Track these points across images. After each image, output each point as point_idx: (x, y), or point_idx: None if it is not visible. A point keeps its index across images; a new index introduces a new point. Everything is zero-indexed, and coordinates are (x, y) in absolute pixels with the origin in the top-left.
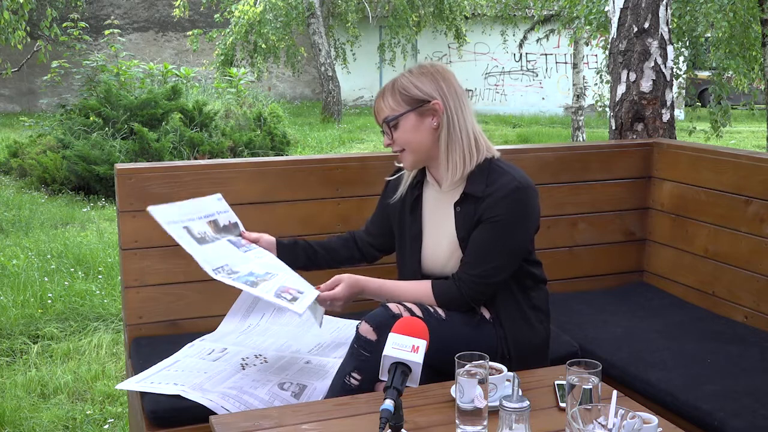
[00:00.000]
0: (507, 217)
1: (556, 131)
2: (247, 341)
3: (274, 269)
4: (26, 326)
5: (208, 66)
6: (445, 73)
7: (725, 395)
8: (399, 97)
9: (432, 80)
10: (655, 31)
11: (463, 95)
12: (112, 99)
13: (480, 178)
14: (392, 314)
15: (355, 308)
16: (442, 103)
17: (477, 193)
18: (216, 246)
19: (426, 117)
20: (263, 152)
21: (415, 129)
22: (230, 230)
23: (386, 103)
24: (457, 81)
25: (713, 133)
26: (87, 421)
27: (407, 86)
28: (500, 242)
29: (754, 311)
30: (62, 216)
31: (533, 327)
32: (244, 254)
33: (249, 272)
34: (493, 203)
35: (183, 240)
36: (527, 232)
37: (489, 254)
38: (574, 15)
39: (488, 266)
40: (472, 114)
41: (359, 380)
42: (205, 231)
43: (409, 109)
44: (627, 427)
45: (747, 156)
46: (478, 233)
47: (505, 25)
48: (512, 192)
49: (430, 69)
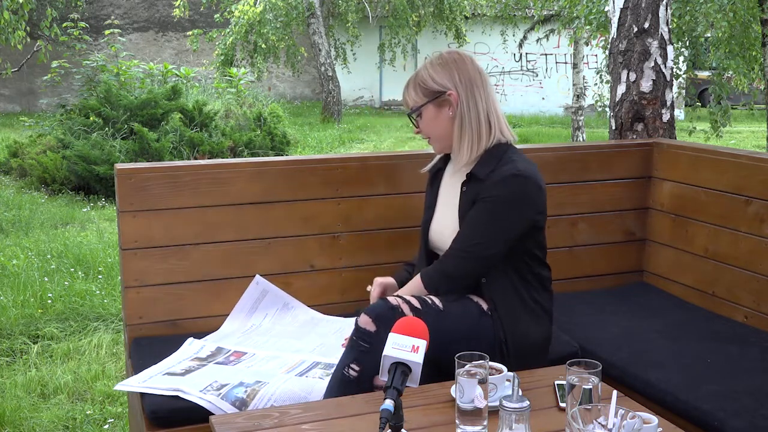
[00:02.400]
0: (499, 199)
1: (556, 131)
2: (248, 342)
3: (264, 376)
4: (26, 326)
5: (208, 66)
6: (461, 61)
7: (725, 395)
8: (419, 89)
9: (447, 71)
10: (655, 31)
11: (478, 80)
12: (112, 99)
13: (489, 162)
14: (390, 306)
15: (352, 309)
16: (456, 93)
17: (481, 175)
18: (202, 372)
19: (443, 107)
20: (263, 152)
21: (435, 119)
22: (215, 356)
23: (410, 96)
24: (474, 66)
25: (713, 133)
26: (87, 421)
27: (425, 79)
28: (487, 220)
29: (754, 311)
30: (62, 216)
31: (532, 323)
32: (234, 367)
33: (239, 383)
34: (491, 185)
35: (165, 381)
36: (518, 218)
37: (475, 230)
38: (574, 15)
39: (472, 241)
40: (488, 97)
41: (358, 371)
42: (189, 365)
43: (428, 101)
44: (627, 427)
45: (747, 156)
46: (472, 211)
47: (505, 25)
48: (510, 178)
49: (447, 58)
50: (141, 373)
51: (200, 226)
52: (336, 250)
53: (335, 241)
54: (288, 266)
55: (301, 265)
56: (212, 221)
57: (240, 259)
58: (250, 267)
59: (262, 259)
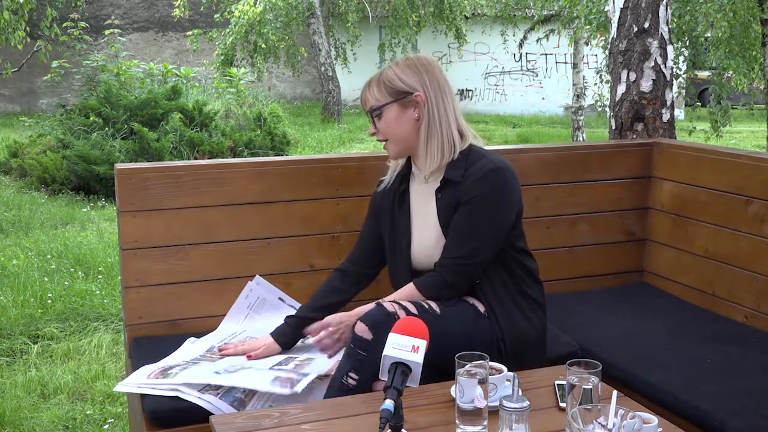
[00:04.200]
0: (484, 198)
1: (556, 131)
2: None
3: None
4: (26, 326)
5: (208, 66)
6: (430, 65)
7: (725, 395)
8: (383, 88)
9: (416, 72)
10: (655, 31)
11: (446, 88)
12: (112, 99)
13: (459, 163)
14: (387, 313)
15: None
16: (424, 95)
17: (456, 178)
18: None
19: (408, 108)
20: (263, 152)
21: (397, 120)
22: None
23: (372, 94)
24: (442, 74)
25: (713, 133)
26: (87, 421)
27: (392, 78)
28: (479, 222)
29: (754, 311)
30: (62, 216)
31: (528, 319)
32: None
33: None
34: (471, 185)
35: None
36: (506, 212)
37: (469, 235)
38: (574, 15)
39: (468, 248)
40: (455, 106)
41: (357, 380)
42: (177, 364)
43: (392, 100)
44: (627, 427)
45: (747, 156)
46: (458, 216)
47: (505, 25)
48: (489, 173)
49: (415, 61)
50: (137, 372)
51: (200, 226)
52: (336, 250)
53: (335, 241)
54: (288, 266)
55: (300, 265)
56: (212, 221)
57: (240, 259)
58: (250, 267)
59: (262, 259)
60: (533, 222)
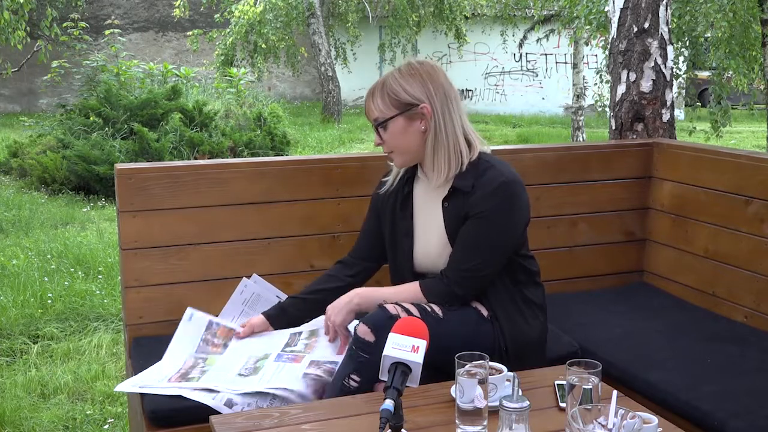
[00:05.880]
0: (494, 212)
1: (556, 131)
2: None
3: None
4: (26, 326)
5: (208, 66)
6: (434, 73)
7: (725, 395)
8: (388, 100)
9: (421, 82)
10: (655, 31)
11: (452, 95)
12: (112, 99)
13: (468, 172)
14: (389, 315)
15: None
16: (430, 106)
17: (465, 188)
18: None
19: (414, 120)
20: (263, 152)
21: (404, 132)
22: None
23: (376, 105)
24: (447, 80)
25: (713, 133)
26: (87, 421)
27: (396, 90)
28: (488, 237)
29: (754, 311)
30: (62, 216)
31: (529, 323)
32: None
33: None
34: (480, 198)
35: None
36: (515, 226)
37: (477, 249)
38: (574, 15)
39: (476, 261)
40: (462, 113)
41: (358, 382)
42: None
43: (398, 113)
44: (627, 427)
45: (747, 156)
46: (466, 228)
47: (505, 25)
48: (499, 186)
49: (419, 69)
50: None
51: (200, 226)
52: (336, 250)
53: (335, 241)
54: (288, 266)
55: (301, 265)
56: (212, 221)
57: (240, 259)
58: (250, 267)
59: (262, 259)
60: (533, 222)
